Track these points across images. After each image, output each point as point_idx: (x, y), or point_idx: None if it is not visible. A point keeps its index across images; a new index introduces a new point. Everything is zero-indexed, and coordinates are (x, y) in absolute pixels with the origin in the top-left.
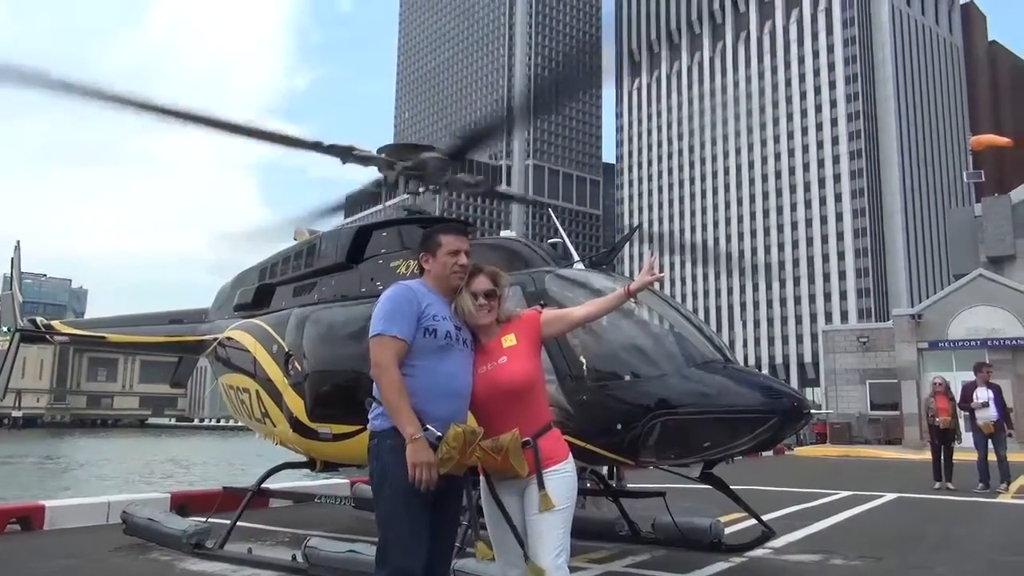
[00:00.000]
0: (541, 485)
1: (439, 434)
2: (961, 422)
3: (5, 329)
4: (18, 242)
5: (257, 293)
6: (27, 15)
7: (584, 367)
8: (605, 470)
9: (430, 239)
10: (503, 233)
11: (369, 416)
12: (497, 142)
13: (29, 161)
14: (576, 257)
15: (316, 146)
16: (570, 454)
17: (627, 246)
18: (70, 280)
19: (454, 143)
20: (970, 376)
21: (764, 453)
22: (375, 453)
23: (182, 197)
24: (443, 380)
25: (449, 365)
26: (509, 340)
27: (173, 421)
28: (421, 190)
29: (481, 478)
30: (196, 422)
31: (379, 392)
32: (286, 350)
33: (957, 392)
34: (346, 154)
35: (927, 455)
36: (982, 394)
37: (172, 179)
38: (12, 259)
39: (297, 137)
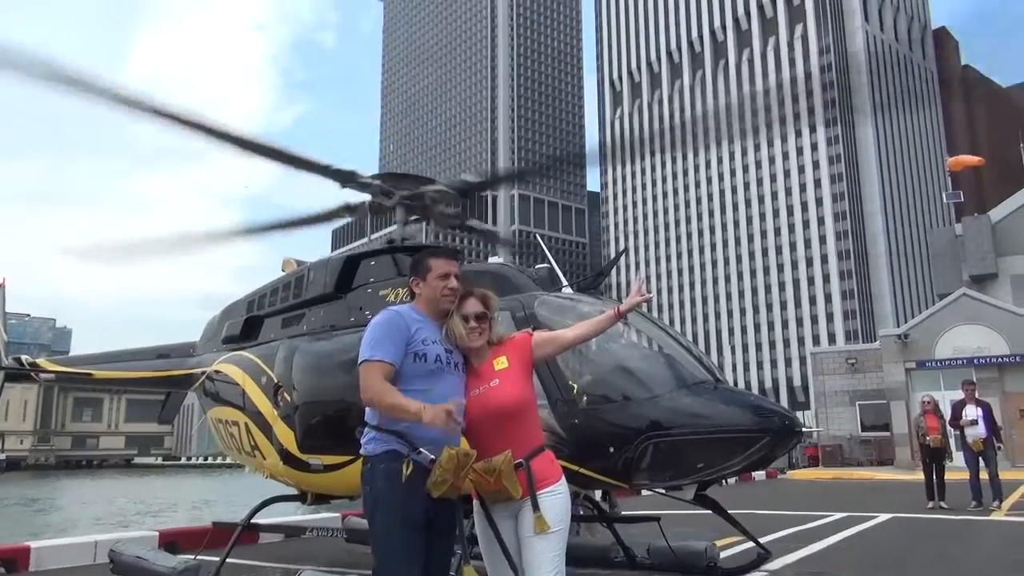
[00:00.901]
0: (536, 507)
1: (432, 457)
2: (952, 441)
3: None
4: (3, 281)
5: (245, 325)
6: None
7: (575, 390)
8: (599, 495)
9: (420, 263)
10: (491, 259)
11: (361, 441)
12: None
13: (12, 202)
14: (564, 282)
15: (322, 168)
16: (563, 476)
17: (613, 272)
18: (54, 320)
19: (466, 181)
20: (959, 395)
21: (757, 477)
22: (368, 478)
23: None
24: (435, 404)
25: (441, 388)
26: (501, 363)
27: (160, 460)
28: (411, 218)
29: (475, 502)
30: (183, 460)
31: (372, 408)
32: (275, 382)
33: (947, 411)
34: (348, 179)
35: (919, 475)
36: (971, 411)
37: (157, 217)
38: None
39: (304, 157)
